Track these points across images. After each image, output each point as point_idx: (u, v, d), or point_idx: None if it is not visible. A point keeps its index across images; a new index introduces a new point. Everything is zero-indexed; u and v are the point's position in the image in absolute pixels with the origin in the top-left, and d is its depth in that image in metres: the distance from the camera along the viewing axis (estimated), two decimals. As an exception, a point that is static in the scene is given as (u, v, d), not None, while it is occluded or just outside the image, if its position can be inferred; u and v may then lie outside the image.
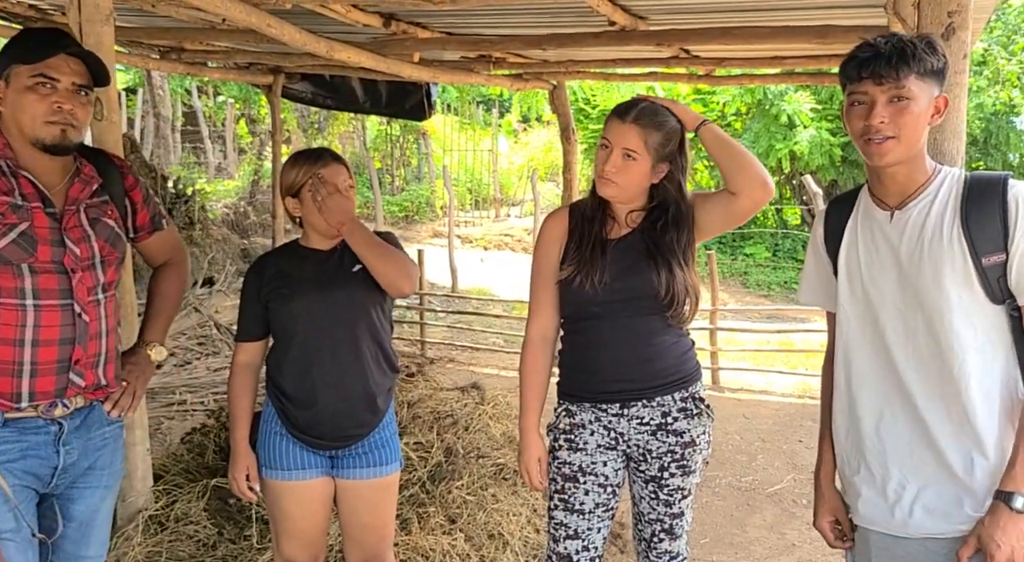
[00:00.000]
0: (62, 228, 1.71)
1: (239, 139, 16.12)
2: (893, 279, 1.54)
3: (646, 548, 2.06)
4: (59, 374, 1.71)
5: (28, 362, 1.67)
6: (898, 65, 1.44)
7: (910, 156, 1.50)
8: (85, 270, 1.74)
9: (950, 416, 1.49)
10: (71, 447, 1.76)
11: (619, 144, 1.91)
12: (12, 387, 1.66)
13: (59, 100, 1.67)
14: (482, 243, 13.51)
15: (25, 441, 1.69)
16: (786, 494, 4.13)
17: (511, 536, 3.15)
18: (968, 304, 1.47)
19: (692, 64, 4.95)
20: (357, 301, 2.09)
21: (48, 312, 1.68)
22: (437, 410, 4.13)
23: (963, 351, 1.47)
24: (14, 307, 1.65)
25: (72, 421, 1.76)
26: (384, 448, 2.18)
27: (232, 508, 3.18)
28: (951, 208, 1.49)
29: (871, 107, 1.48)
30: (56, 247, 1.69)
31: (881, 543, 1.59)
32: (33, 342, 1.67)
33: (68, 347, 1.71)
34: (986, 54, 11.11)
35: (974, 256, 1.45)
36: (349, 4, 3.49)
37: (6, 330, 1.65)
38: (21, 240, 1.64)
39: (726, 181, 1.94)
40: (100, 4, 2.54)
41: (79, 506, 1.80)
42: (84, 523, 1.82)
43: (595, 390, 1.99)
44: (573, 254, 1.98)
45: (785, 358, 6.97)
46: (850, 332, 1.61)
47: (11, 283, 1.64)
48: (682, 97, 12.66)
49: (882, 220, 1.56)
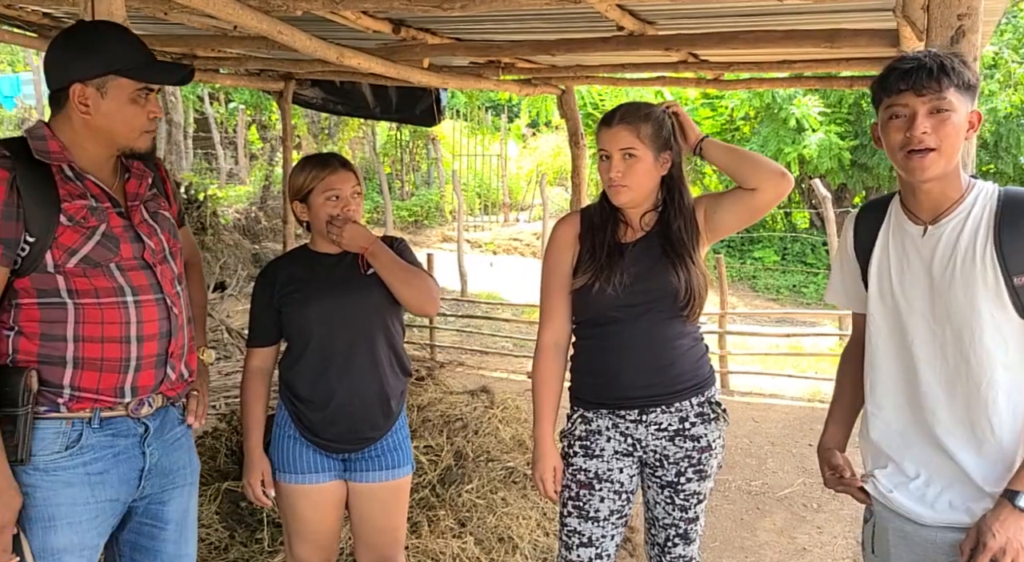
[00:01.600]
0: (133, 225, 1.71)
1: (250, 145, 16.22)
2: (925, 294, 1.55)
3: (659, 553, 2.06)
4: (157, 368, 1.71)
5: (135, 358, 1.66)
6: (940, 76, 1.45)
7: (948, 171, 1.51)
8: (162, 263, 1.74)
9: (975, 431, 1.51)
10: (153, 448, 1.74)
11: (615, 147, 1.92)
12: (117, 382, 1.65)
13: (152, 110, 1.69)
14: (491, 248, 13.52)
15: (117, 445, 1.68)
16: (796, 498, 4.11)
17: (521, 539, 3.16)
18: (1000, 322, 1.48)
19: (700, 68, 4.95)
20: (372, 305, 2.11)
21: (147, 307, 1.68)
22: (447, 414, 4.14)
23: (992, 368, 1.49)
24: (115, 305, 1.64)
25: (154, 421, 1.75)
26: (396, 451, 2.19)
27: (244, 511, 3.20)
28: (984, 226, 1.50)
29: (912, 119, 1.48)
30: (135, 243, 1.69)
31: (899, 529, 1.60)
32: (138, 338, 1.67)
33: (166, 340, 1.72)
34: (997, 58, 11.05)
35: (1006, 275, 1.46)
36: (359, 11, 3.52)
37: (112, 328, 1.64)
38: (105, 241, 1.64)
39: (742, 183, 1.94)
40: (114, 12, 2.56)
41: (171, 508, 1.80)
42: (179, 523, 1.82)
43: (614, 396, 1.98)
44: (587, 260, 1.97)
45: (794, 362, 6.95)
46: (879, 342, 1.63)
47: (106, 283, 1.64)
48: (691, 101, 12.66)
49: (915, 234, 1.57)
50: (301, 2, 3.17)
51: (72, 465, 1.61)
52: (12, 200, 1.54)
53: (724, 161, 1.97)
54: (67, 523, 1.59)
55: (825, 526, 3.76)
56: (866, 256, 1.65)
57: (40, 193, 1.58)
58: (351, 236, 2.07)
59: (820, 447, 1.79)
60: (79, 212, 1.62)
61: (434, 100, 6.13)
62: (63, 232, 1.59)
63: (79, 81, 1.62)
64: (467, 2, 3.06)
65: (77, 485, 1.60)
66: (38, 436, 1.58)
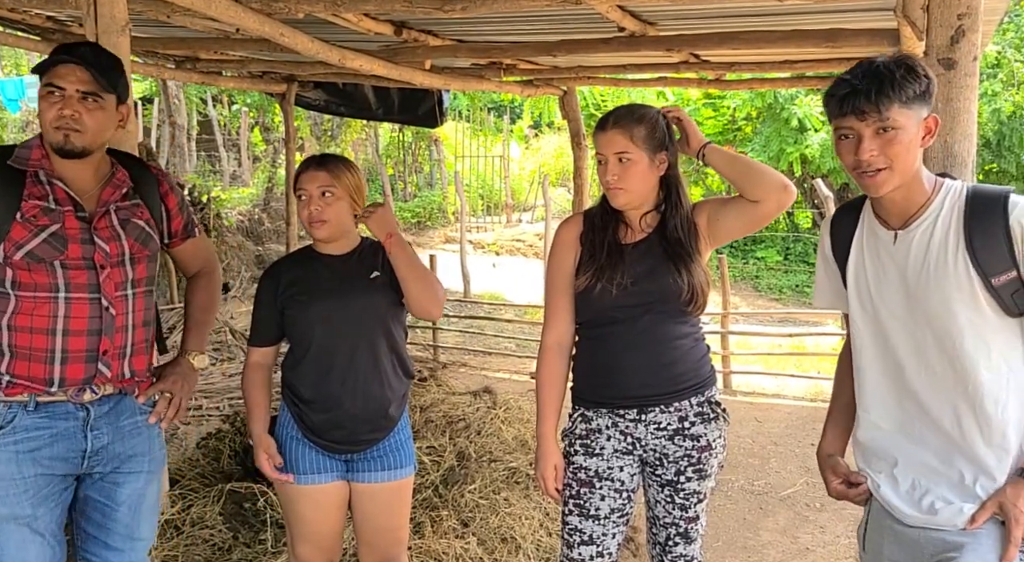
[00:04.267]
0: (92, 228, 1.83)
1: (253, 147, 16.25)
2: (902, 300, 1.54)
3: (660, 552, 2.06)
4: (87, 363, 1.82)
5: (59, 350, 1.79)
6: (878, 99, 1.42)
7: (906, 181, 1.50)
8: (114, 266, 1.85)
9: (962, 433, 1.51)
10: (100, 432, 1.86)
11: (610, 151, 1.94)
12: (45, 373, 1.78)
13: (64, 107, 1.77)
14: (494, 248, 13.54)
15: (55, 427, 1.80)
16: (799, 498, 4.11)
17: (523, 540, 3.16)
18: (978, 325, 1.48)
19: (702, 69, 4.95)
20: (375, 308, 2.11)
21: (78, 304, 1.81)
22: (450, 414, 4.15)
23: (975, 371, 1.48)
24: (47, 300, 1.78)
25: (100, 407, 1.86)
26: (398, 452, 2.19)
27: (247, 512, 3.21)
28: (954, 230, 1.49)
29: (858, 142, 1.46)
30: (86, 245, 1.82)
31: (890, 529, 1.61)
32: (64, 331, 1.79)
33: (96, 338, 1.82)
34: (1000, 57, 11.04)
35: (983, 277, 1.45)
36: (361, 13, 3.53)
37: (40, 320, 1.78)
38: (52, 240, 1.78)
39: (745, 193, 1.93)
40: (116, 15, 2.58)
41: (125, 490, 1.91)
42: (133, 507, 1.93)
43: (614, 396, 1.99)
44: (588, 261, 1.98)
45: (797, 361, 6.94)
46: (863, 346, 1.63)
47: (45, 279, 1.78)
48: (693, 101, 12.66)
49: (887, 240, 1.57)
50: (303, 4, 3.18)
51: (4, 445, 1.76)
52: None
53: (727, 169, 1.97)
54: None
55: (828, 526, 3.77)
56: (843, 260, 1.65)
57: (4, 193, 1.77)
58: (379, 221, 2.08)
59: (820, 453, 1.78)
60: (31, 211, 1.77)
61: (436, 101, 6.14)
62: (15, 228, 1.76)
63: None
64: (468, 4, 3.07)
65: (4, 462, 1.76)
66: None
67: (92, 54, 1.84)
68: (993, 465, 1.50)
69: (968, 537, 1.50)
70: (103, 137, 1.85)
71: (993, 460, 1.50)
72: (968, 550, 1.49)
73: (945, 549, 1.52)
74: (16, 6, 3.69)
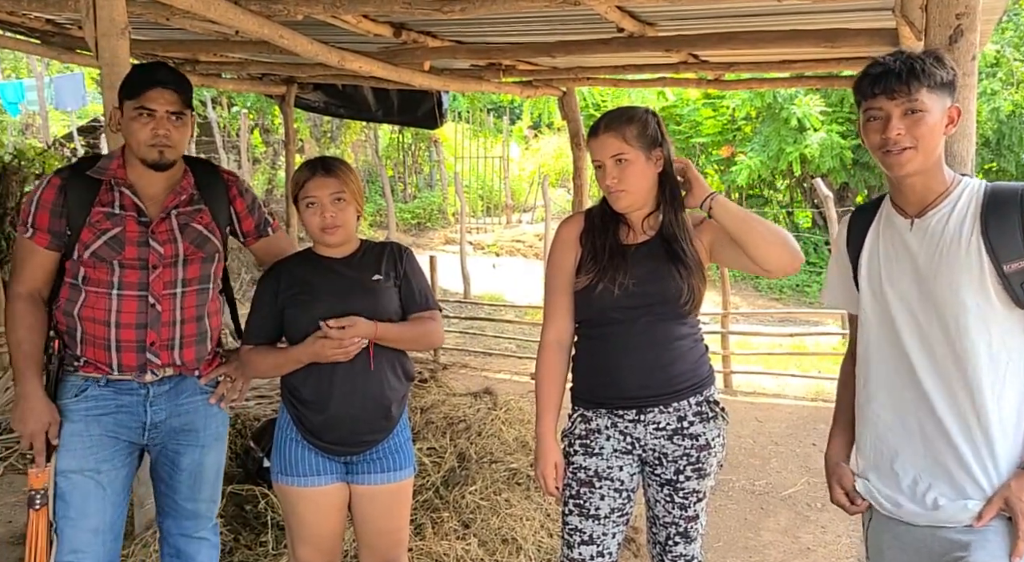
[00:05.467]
0: (150, 232, 2.08)
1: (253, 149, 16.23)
2: (911, 285, 1.58)
3: (661, 552, 2.07)
4: (138, 352, 2.08)
5: (114, 339, 2.06)
6: (908, 79, 1.51)
7: (928, 166, 1.55)
8: (166, 267, 2.09)
9: (964, 419, 1.53)
10: (158, 408, 2.13)
11: (606, 155, 1.95)
12: (106, 358, 2.07)
13: (156, 127, 2.01)
14: (494, 249, 13.53)
15: (119, 400, 2.10)
16: (800, 497, 4.11)
17: (524, 541, 3.16)
18: (984, 311, 1.51)
19: (701, 69, 4.96)
20: (377, 311, 2.11)
21: (128, 300, 2.06)
22: (450, 415, 4.15)
23: (976, 356, 1.51)
24: (104, 294, 2.06)
25: (160, 387, 2.13)
26: (398, 453, 2.19)
27: (248, 514, 3.21)
28: (970, 217, 1.54)
29: (887, 121, 1.54)
30: (142, 247, 2.07)
31: (892, 531, 1.62)
32: (116, 324, 2.06)
33: (143, 331, 2.08)
34: (999, 56, 11.03)
35: (995, 263, 1.49)
36: (360, 15, 3.53)
37: (99, 313, 2.06)
38: (111, 242, 2.04)
39: (749, 255, 1.89)
40: (115, 18, 2.59)
41: (185, 459, 2.20)
42: (192, 473, 2.22)
43: (613, 396, 2.00)
44: (590, 262, 1.99)
45: (797, 361, 6.94)
46: (870, 335, 1.65)
47: (105, 276, 2.05)
48: (692, 101, 12.65)
49: (902, 227, 1.61)
50: (302, 6, 3.19)
51: (76, 409, 2.07)
52: (59, 201, 2.04)
53: (733, 227, 1.89)
54: (67, 450, 2.06)
55: (829, 526, 3.76)
56: (857, 252, 1.69)
57: (81, 199, 2.05)
58: (355, 335, 2.04)
59: (828, 460, 1.79)
60: (97, 216, 2.05)
61: (436, 103, 6.15)
62: (84, 231, 2.04)
63: (116, 107, 2.10)
64: (467, 5, 3.07)
65: (76, 422, 2.07)
66: (62, 387, 2.09)
67: (172, 76, 2.07)
68: (991, 457, 1.51)
69: (974, 534, 1.50)
70: (184, 148, 2.12)
71: (991, 452, 1.51)
72: (976, 548, 1.49)
73: (952, 549, 1.52)
74: (16, 9, 3.69)
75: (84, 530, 2.05)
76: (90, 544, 2.05)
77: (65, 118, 14.99)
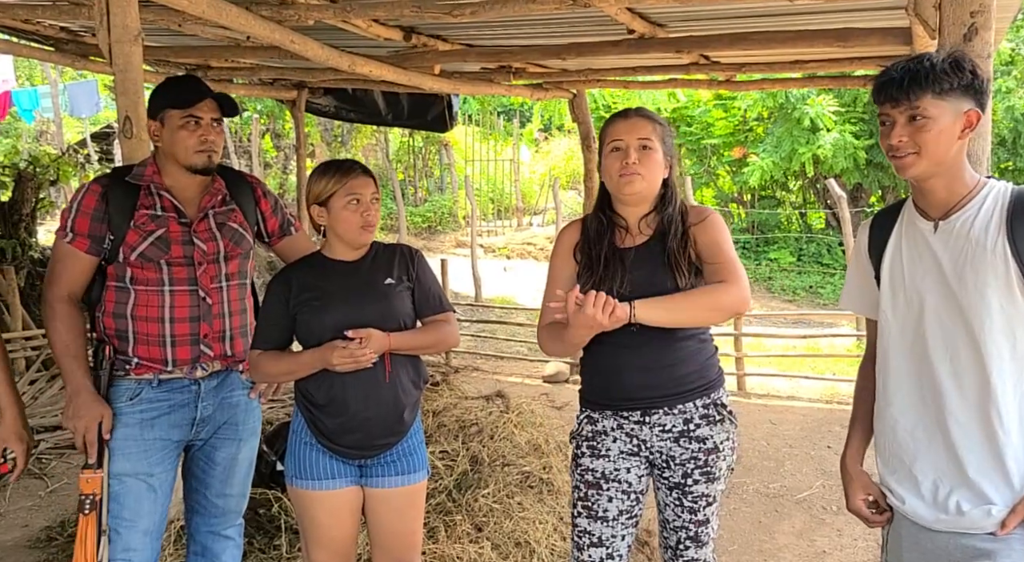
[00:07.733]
0: (192, 231, 2.19)
1: (264, 154, 16.32)
2: (936, 287, 1.57)
3: (672, 556, 2.05)
4: (192, 345, 2.18)
5: (168, 334, 2.15)
6: (910, 87, 1.51)
7: (939, 170, 1.55)
8: (210, 263, 2.21)
9: (987, 422, 1.51)
10: (207, 403, 2.23)
11: (633, 136, 1.95)
12: (160, 354, 2.15)
13: (204, 134, 2.15)
14: (505, 252, 13.53)
15: (172, 399, 2.18)
16: (815, 500, 4.08)
17: (538, 544, 3.15)
18: (1011, 313, 1.50)
19: (712, 70, 4.94)
20: (389, 314, 2.11)
21: (180, 295, 2.16)
22: (462, 419, 4.15)
23: (1000, 358, 1.50)
24: (156, 292, 2.15)
25: (209, 382, 2.23)
26: (412, 456, 2.20)
27: (262, 518, 3.21)
28: (996, 219, 1.52)
29: (893, 127, 1.55)
30: (187, 245, 2.18)
31: (912, 537, 1.60)
32: (171, 319, 2.15)
33: (196, 323, 2.18)
34: (1013, 54, 10.93)
35: (1021, 266, 1.48)
36: (370, 19, 3.54)
37: (152, 310, 2.15)
38: (158, 242, 2.14)
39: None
40: (128, 25, 2.61)
41: (221, 453, 2.30)
42: (226, 468, 2.31)
43: (616, 397, 1.99)
44: (586, 273, 2.00)
45: (811, 363, 6.90)
46: (890, 338, 1.64)
47: (154, 274, 2.15)
48: (703, 103, 12.61)
49: (926, 230, 1.60)
50: (313, 11, 3.20)
51: (131, 412, 2.14)
52: (101, 207, 2.12)
53: (665, 321, 1.86)
54: (121, 453, 2.12)
55: (845, 529, 3.73)
56: (879, 255, 1.68)
57: (123, 204, 2.14)
58: (375, 349, 2.06)
59: (846, 465, 1.76)
60: (141, 219, 2.14)
61: (446, 106, 6.16)
62: (129, 234, 2.12)
63: (150, 118, 2.18)
64: (477, 8, 3.08)
65: (131, 426, 2.13)
66: (114, 391, 2.14)
67: (208, 87, 2.21)
68: (1015, 460, 1.49)
69: (999, 543, 1.48)
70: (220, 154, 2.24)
71: (1015, 455, 1.49)
72: (1001, 556, 1.47)
73: (975, 556, 1.50)
74: (30, 17, 3.73)
75: (137, 531, 2.12)
76: (142, 544, 2.13)
77: (79, 124, 15.12)
